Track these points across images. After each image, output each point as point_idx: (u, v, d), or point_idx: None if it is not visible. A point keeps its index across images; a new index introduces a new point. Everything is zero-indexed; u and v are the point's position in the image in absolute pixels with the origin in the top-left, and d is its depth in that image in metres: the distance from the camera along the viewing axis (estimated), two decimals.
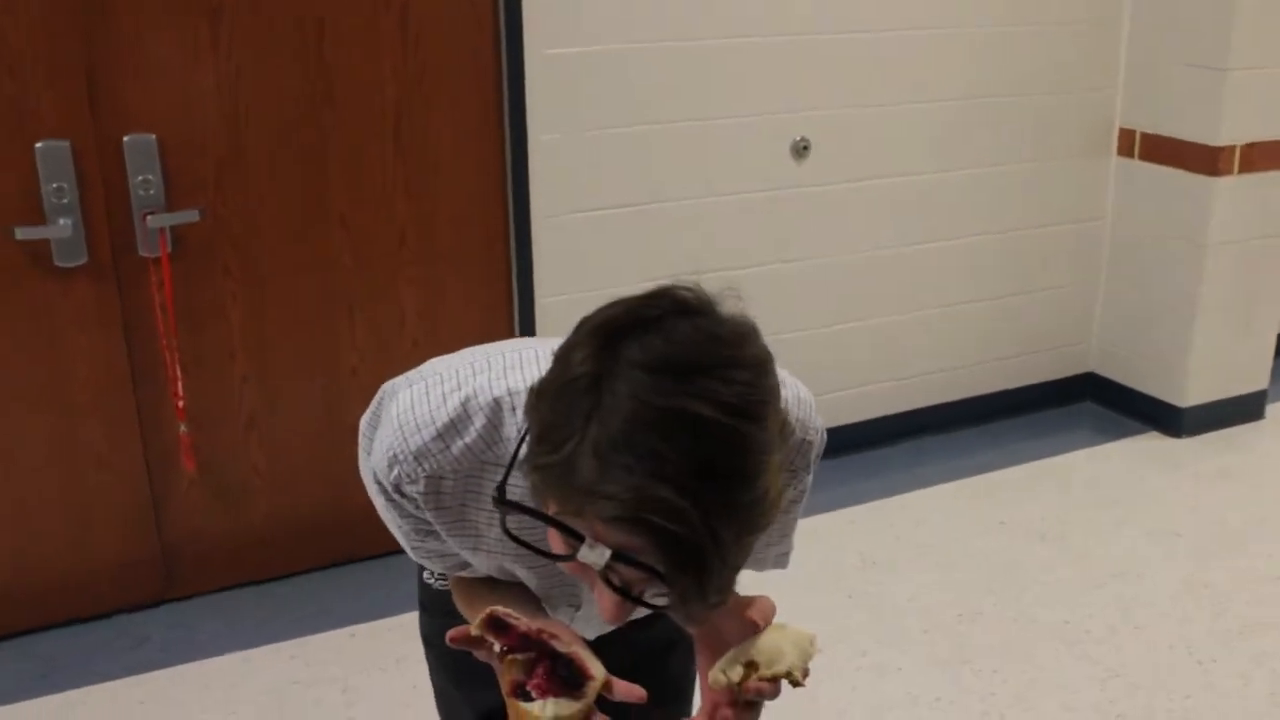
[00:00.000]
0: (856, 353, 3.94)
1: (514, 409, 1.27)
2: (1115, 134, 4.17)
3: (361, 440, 1.50)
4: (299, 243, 3.07)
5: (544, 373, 1.12)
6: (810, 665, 1.27)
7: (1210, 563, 3.40)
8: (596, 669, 1.21)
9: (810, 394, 1.39)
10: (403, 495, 1.32)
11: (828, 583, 3.32)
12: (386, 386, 1.43)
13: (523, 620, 1.23)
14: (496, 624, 1.22)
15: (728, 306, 1.09)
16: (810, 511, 3.66)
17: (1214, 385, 4.18)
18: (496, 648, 1.22)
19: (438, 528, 1.35)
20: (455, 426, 1.28)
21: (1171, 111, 3.98)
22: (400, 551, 1.50)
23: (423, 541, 1.40)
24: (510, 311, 3.37)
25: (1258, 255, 4.06)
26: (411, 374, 1.39)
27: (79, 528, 3.04)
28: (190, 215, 2.92)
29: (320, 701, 2.84)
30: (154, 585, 3.17)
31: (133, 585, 3.14)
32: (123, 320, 2.94)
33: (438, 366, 1.37)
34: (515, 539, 1.13)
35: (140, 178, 2.86)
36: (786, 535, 1.51)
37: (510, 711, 1.21)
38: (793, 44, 3.52)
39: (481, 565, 1.41)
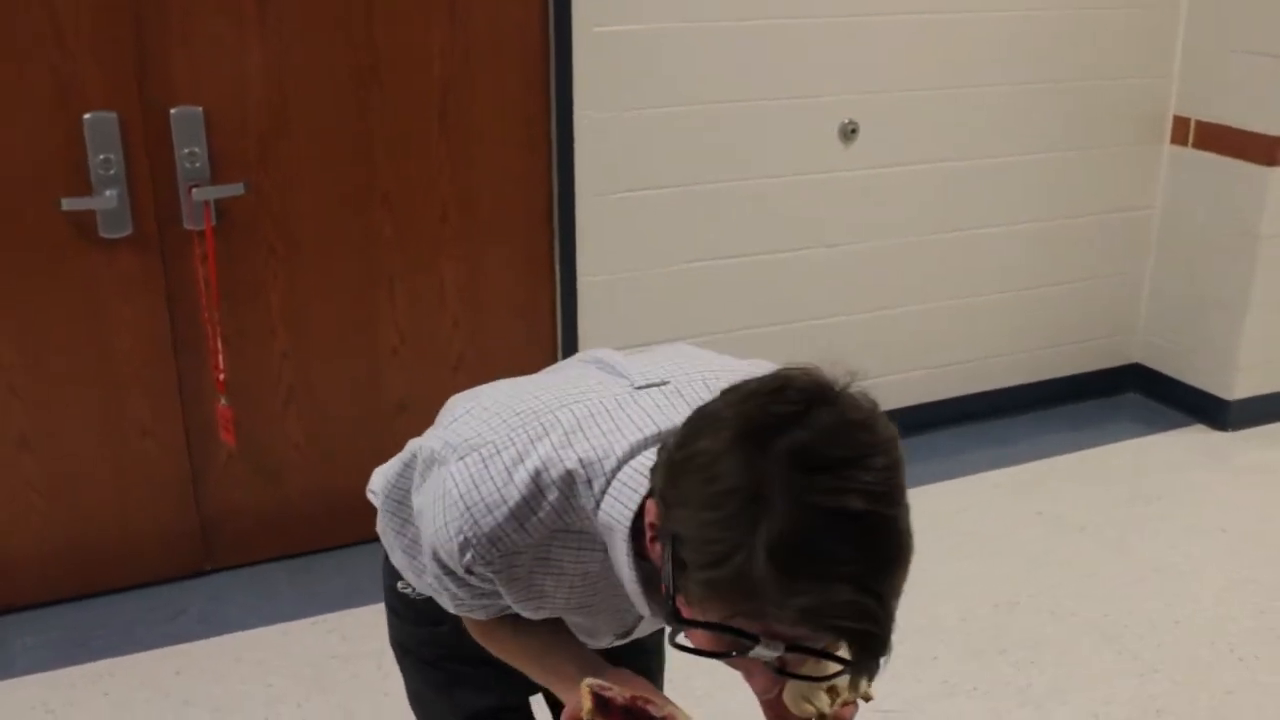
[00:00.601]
0: (901, 338, 3.90)
1: (588, 481, 1.25)
2: (1169, 122, 4.10)
3: (385, 503, 1.47)
4: (342, 218, 3.08)
5: (626, 443, 1.21)
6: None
7: (1254, 559, 3.34)
8: None
9: None
10: (474, 575, 1.29)
11: None
12: (422, 450, 1.37)
13: (616, 691, 1.22)
14: (600, 703, 1.21)
15: (852, 388, 1.10)
16: None
17: (1263, 379, 4.11)
18: None
19: (504, 593, 1.33)
20: (529, 505, 1.25)
21: (1228, 99, 3.91)
22: None
23: (475, 601, 1.37)
24: (553, 291, 3.36)
25: None
26: (452, 438, 1.33)
27: (121, 498, 3.07)
28: (235, 189, 2.92)
29: (357, 676, 2.85)
30: (193, 557, 3.19)
31: (172, 556, 3.16)
32: (166, 292, 2.95)
33: (485, 432, 1.31)
34: (682, 648, 1.12)
35: (186, 150, 2.86)
36: None
37: None
38: (842, 25, 3.48)
39: (533, 615, 1.38)
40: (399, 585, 1.62)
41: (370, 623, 3.04)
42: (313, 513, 3.28)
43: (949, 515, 3.58)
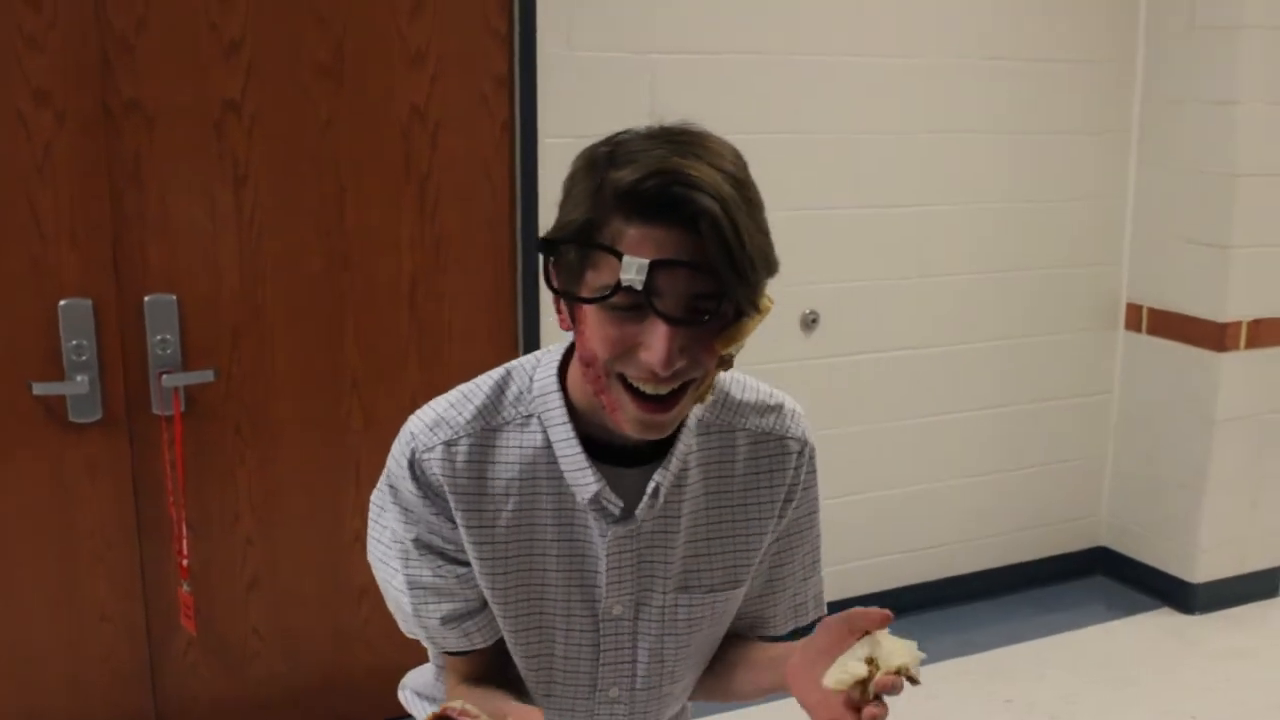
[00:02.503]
0: (864, 525, 3.92)
1: (519, 369, 1.42)
2: (1123, 308, 4.22)
3: (371, 510, 1.51)
4: (311, 406, 3.10)
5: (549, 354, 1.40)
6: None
7: None
8: None
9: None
10: (418, 476, 1.37)
11: None
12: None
13: (477, 713, 1.17)
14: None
15: None
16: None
17: (1226, 562, 4.14)
18: None
19: (453, 529, 1.37)
20: (466, 396, 1.41)
21: (1178, 287, 4.03)
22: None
23: (424, 570, 1.41)
24: None
25: (1267, 430, 4.06)
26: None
27: (75, 683, 3.00)
28: (205, 375, 2.96)
29: None
30: None
31: None
32: (133, 476, 2.95)
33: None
34: (558, 291, 1.26)
35: (159, 337, 2.90)
36: (817, 562, 1.59)
37: None
38: (802, 218, 3.60)
39: (495, 593, 1.40)
40: None
41: None
42: (273, 701, 3.21)
43: (915, 704, 3.54)
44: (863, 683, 1.28)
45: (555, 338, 3.28)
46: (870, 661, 1.28)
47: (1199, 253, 3.94)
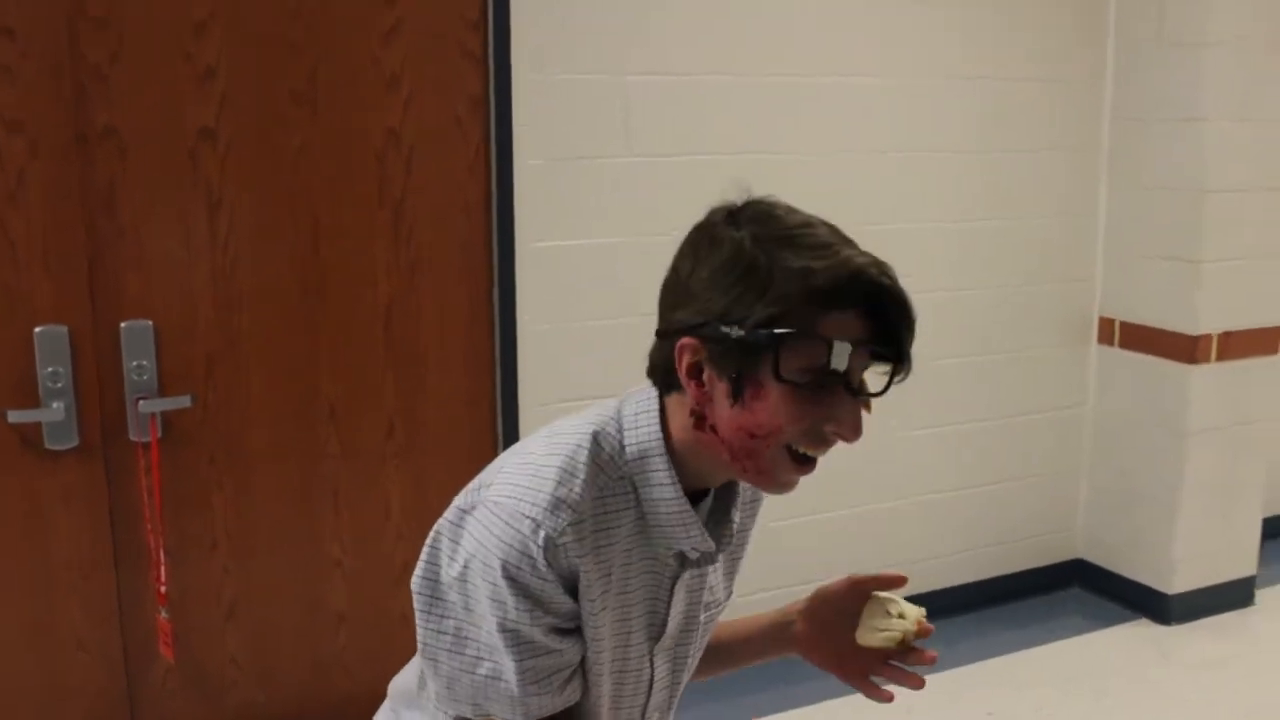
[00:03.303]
0: (838, 541, 3.93)
1: (604, 430, 1.39)
2: (1095, 323, 4.26)
3: (419, 600, 1.41)
4: (287, 432, 3.10)
5: (608, 431, 1.39)
6: None
7: None
8: None
9: None
10: (554, 563, 1.30)
11: None
12: (446, 519, 1.41)
13: None
14: None
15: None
16: (786, 706, 3.59)
17: (1201, 571, 4.17)
18: None
19: (575, 604, 1.35)
20: (568, 471, 1.34)
21: (1149, 301, 4.07)
22: None
23: (546, 659, 1.35)
24: None
25: (1238, 441, 4.10)
26: (476, 496, 1.40)
27: (51, 712, 2.98)
28: (182, 401, 2.95)
29: None
30: None
31: None
32: (109, 503, 2.94)
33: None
34: (790, 381, 1.29)
35: (135, 363, 2.90)
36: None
37: None
38: None
39: (592, 645, 1.39)
40: None
41: None
42: None
43: (894, 718, 3.55)
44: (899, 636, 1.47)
45: (532, 362, 3.29)
46: (902, 616, 1.47)
47: (1170, 267, 3.98)
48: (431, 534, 1.42)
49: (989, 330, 4.08)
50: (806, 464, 1.38)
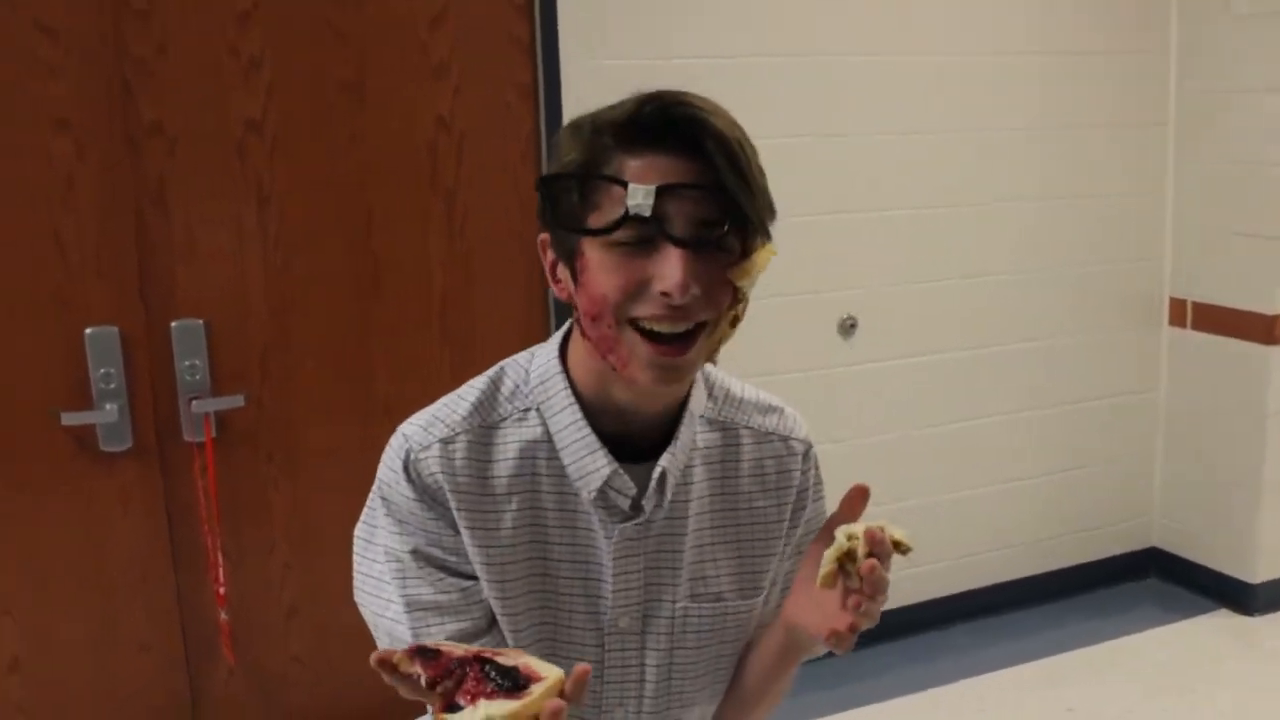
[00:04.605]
0: (909, 532, 3.83)
1: (516, 366, 1.39)
2: (1166, 304, 4.13)
3: (357, 545, 1.43)
4: (343, 429, 3.06)
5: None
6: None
7: None
8: (550, 670, 1.07)
9: None
10: (414, 479, 1.30)
11: None
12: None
13: (458, 647, 1.09)
14: (424, 653, 1.08)
15: None
16: (863, 701, 3.50)
17: None
18: (422, 680, 1.08)
19: (455, 536, 1.30)
20: (459, 396, 1.36)
21: (1222, 280, 3.95)
22: None
23: (424, 588, 1.31)
24: None
25: None
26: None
27: (116, 715, 2.96)
28: (235, 400, 2.92)
29: None
30: None
31: None
32: (165, 505, 2.91)
33: None
34: (601, 234, 1.18)
35: (187, 363, 2.87)
36: None
37: None
38: (839, 222, 3.53)
39: (504, 605, 1.32)
40: None
41: None
42: None
43: (970, 715, 3.46)
44: (848, 556, 1.24)
45: None
46: (851, 537, 1.25)
47: (1244, 244, 3.86)
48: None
49: (1057, 314, 3.97)
50: (660, 340, 1.21)
